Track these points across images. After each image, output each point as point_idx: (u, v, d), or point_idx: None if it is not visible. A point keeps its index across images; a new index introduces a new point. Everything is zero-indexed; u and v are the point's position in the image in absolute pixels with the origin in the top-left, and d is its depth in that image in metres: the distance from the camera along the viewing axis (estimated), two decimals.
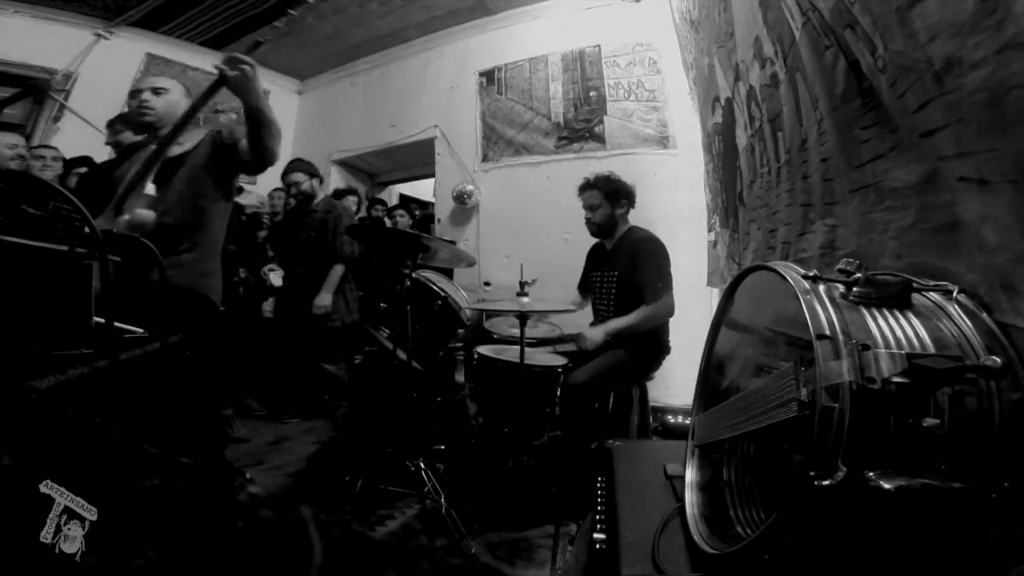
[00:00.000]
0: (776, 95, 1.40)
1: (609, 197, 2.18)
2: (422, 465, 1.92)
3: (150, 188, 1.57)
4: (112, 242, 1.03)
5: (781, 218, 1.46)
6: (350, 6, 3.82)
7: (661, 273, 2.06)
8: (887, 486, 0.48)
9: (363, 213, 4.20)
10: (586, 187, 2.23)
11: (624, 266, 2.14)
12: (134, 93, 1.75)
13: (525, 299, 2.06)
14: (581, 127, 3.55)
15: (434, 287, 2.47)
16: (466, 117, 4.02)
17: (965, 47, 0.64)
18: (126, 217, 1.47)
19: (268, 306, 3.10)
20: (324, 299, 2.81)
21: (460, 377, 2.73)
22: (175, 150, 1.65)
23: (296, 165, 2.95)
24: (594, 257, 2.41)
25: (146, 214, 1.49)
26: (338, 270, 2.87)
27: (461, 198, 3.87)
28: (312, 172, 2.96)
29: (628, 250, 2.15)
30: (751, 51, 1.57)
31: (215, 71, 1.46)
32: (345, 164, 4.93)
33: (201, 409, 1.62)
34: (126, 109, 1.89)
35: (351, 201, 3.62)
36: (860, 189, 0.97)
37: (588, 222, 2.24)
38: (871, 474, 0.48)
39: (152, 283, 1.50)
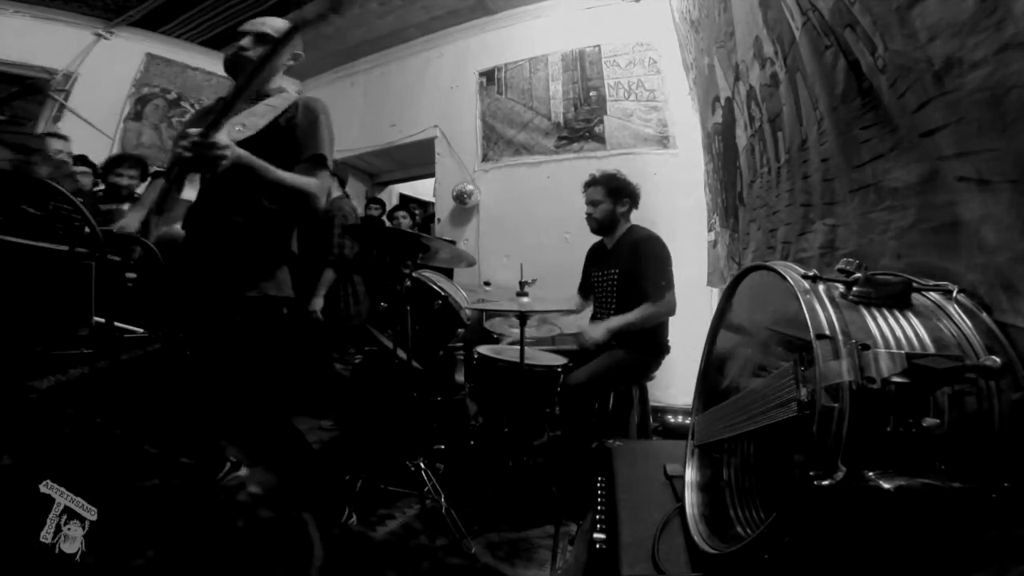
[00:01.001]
0: (776, 95, 1.40)
1: (612, 194, 2.19)
2: (422, 465, 1.92)
3: (187, 191, 1.41)
4: (112, 242, 1.03)
5: (781, 218, 1.46)
6: (350, 6, 3.82)
7: (663, 272, 2.06)
8: (887, 486, 0.48)
9: (360, 212, 4.20)
10: (591, 183, 2.25)
11: (625, 264, 2.14)
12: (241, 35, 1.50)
13: (525, 299, 2.06)
14: (581, 127, 3.55)
15: (434, 287, 2.47)
16: (466, 117, 4.02)
17: (965, 47, 0.64)
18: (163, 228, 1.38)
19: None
20: (316, 303, 2.83)
21: (460, 377, 2.73)
22: (238, 133, 1.35)
23: None
24: (594, 256, 2.41)
25: (175, 231, 1.41)
26: (328, 275, 2.88)
27: (461, 198, 3.87)
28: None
29: (629, 248, 2.15)
30: (751, 51, 1.57)
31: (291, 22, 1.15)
32: (345, 164, 4.93)
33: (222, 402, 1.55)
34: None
35: None
36: (860, 189, 0.97)
37: (588, 217, 2.25)
38: (871, 474, 0.48)
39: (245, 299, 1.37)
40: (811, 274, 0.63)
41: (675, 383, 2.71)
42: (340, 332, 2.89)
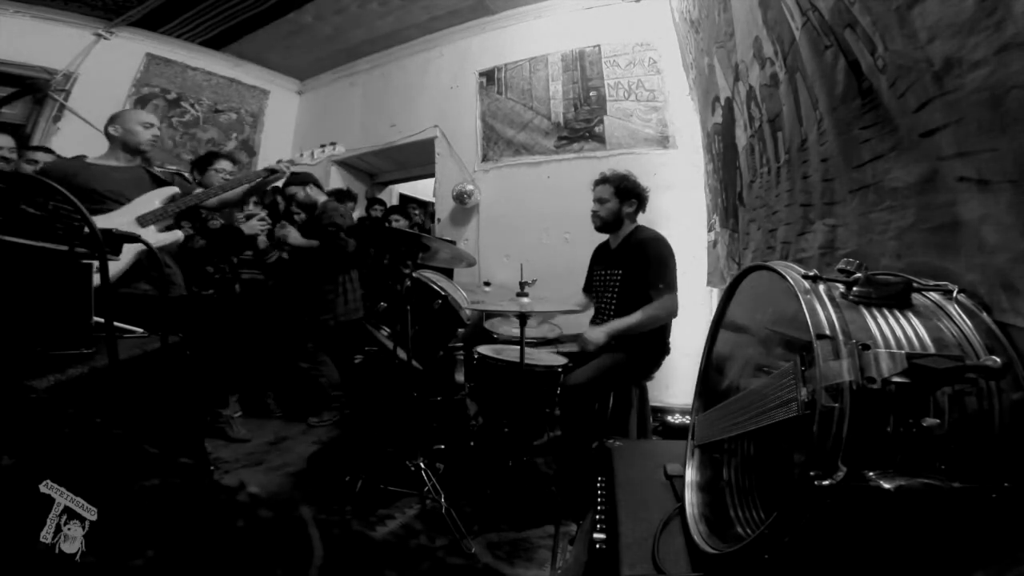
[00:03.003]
0: (776, 95, 1.40)
1: (619, 193, 2.20)
2: (422, 465, 1.92)
3: None
4: (111, 242, 1.03)
5: (781, 218, 1.46)
6: (350, 6, 3.82)
7: (666, 273, 2.05)
8: (887, 486, 0.48)
9: (361, 213, 4.21)
10: (601, 181, 2.27)
11: (628, 265, 2.14)
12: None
13: (525, 299, 2.06)
14: (581, 127, 3.55)
15: (434, 287, 2.47)
16: (466, 117, 4.02)
17: (965, 47, 0.64)
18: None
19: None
20: (289, 233, 2.90)
21: (460, 377, 2.73)
22: None
23: (290, 178, 2.98)
24: (598, 256, 2.41)
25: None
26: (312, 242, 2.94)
27: (461, 198, 3.87)
28: (304, 181, 3.01)
29: (633, 249, 2.15)
30: (751, 51, 1.57)
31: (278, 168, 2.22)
32: (345, 164, 4.93)
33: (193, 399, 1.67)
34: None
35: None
36: (860, 189, 0.97)
37: (594, 215, 2.26)
38: (871, 474, 0.48)
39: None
40: (811, 274, 0.63)
41: (675, 383, 2.71)
42: (334, 332, 2.89)
